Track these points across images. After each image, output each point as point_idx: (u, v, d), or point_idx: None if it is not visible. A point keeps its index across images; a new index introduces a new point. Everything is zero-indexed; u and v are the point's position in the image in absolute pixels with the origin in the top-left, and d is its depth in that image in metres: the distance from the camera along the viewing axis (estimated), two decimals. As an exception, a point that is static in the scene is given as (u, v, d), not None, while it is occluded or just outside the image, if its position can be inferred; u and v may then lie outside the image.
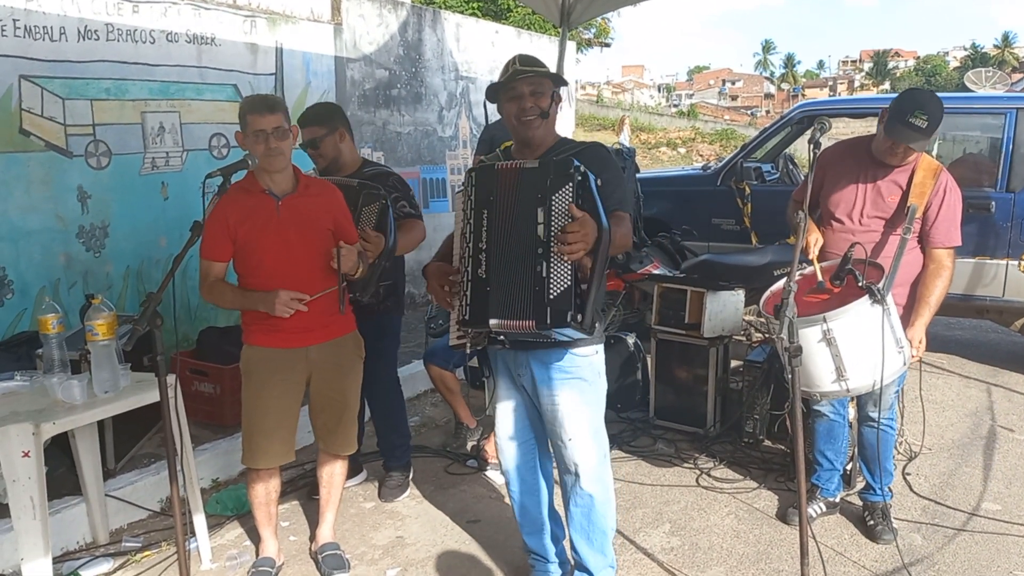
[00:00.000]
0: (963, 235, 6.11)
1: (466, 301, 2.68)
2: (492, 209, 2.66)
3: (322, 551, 3.48)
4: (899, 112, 3.34)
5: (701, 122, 38.82)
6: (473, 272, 2.67)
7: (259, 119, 3.06)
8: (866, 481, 3.84)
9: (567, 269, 2.52)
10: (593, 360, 2.88)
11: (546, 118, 2.82)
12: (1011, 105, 6.21)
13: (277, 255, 3.15)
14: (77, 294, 4.74)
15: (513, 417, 3.05)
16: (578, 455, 2.89)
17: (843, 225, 3.58)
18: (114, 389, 3.24)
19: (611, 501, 3.02)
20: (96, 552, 3.58)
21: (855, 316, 3.04)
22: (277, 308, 3.04)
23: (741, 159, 7.30)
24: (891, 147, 3.41)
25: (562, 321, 2.52)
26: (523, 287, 2.57)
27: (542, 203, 2.55)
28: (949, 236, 3.49)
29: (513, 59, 2.86)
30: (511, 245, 2.61)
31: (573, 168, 2.54)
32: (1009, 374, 6.37)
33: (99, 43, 4.86)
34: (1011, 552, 3.61)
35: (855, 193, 3.55)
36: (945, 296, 3.52)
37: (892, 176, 3.51)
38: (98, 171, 4.89)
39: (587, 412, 2.89)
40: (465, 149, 8.43)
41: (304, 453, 4.50)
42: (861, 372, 3.08)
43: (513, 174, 2.66)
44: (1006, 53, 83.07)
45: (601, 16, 23.04)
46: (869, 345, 3.06)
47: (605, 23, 31.09)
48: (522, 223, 2.60)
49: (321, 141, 3.87)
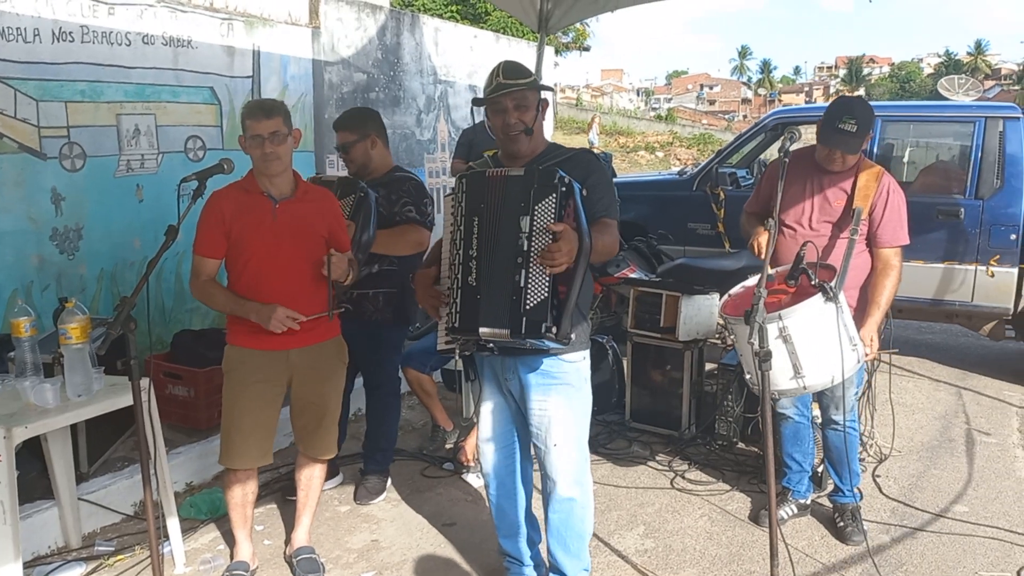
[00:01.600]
0: (933, 241, 6.26)
1: (456, 308, 2.68)
2: (482, 216, 2.67)
3: (297, 555, 3.48)
4: (829, 120, 3.50)
5: (679, 126, 39.11)
6: (463, 279, 2.67)
7: (256, 124, 3.10)
8: (835, 484, 3.90)
9: (545, 280, 2.54)
10: (580, 366, 2.90)
11: (530, 134, 2.82)
12: (980, 114, 6.32)
13: (267, 257, 3.16)
14: (50, 297, 4.70)
15: (496, 420, 3.06)
16: (561, 461, 2.90)
17: (794, 231, 3.67)
18: (87, 393, 3.22)
19: (590, 506, 3.04)
20: (68, 556, 3.56)
21: (809, 313, 3.10)
22: (272, 323, 3.06)
23: (716, 164, 7.36)
24: (828, 154, 3.56)
25: (536, 332, 2.54)
26: (503, 295, 2.58)
27: (525, 212, 2.58)
28: (895, 235, 3.59)
29: (496, 69, 2.86)
30: (497, 253, 2.63)
31: (557, 179, 2.56)
32: (978, 377, 6.47)
33: (74, 45, 4.82)
34: (977, 553, 3.67)
35: (803, 200, 3.67)
36: (895, 295, 3.62)
37: (837, 182, 3.62)
38: (72, 173, 4.85)
39: (573, 418, 2.91)
40: (444, 152, 8.43)
41: (279, 456, 4.49)
42: (817, 369, 3.15)
43: (500, 182, 2.67)
44: (979, 60, 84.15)
45: (580, 22, 23.13)
46: (824, 342, 3.12)
47: (583, 27, 31.23)
48: (506, 231, 2.62)
49: (352, 147, 3.95)
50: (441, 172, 8.46)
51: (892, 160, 7.16)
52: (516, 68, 2.88)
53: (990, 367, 6.75)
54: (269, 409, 3.31)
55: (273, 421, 3.35)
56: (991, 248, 6.07)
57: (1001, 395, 6.04)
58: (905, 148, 7.49)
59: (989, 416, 5.58)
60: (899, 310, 6.16)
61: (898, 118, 6.89)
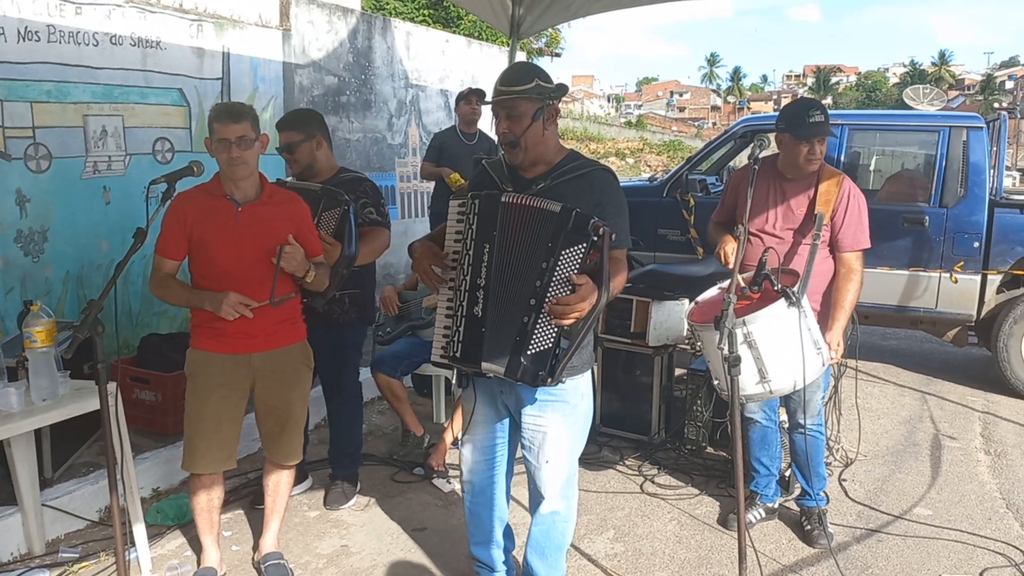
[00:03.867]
0: (898, 248, 6.36)
1: (459, 338, 2.62)
2: (494, 244, 2.56)
3: (265, 560, 3.46)
4: (797, 118, 3.60)
5: (649, 133, 39.32)
6: (469, 309, 2.60)
7: (223, 128, 3.07)
8: (802, 488, 3.94)
9: (552, 330, 2.49)
10: (580, 383, 2.82)
11: (515, 147, 2.68)
12: (945, 123, 6.43)
13: (229, 259, 3.14)
14: (15, 299, 4.63)
15: (485, 430, 2.97)
16: (551, 477, 2.86)
17: (759, 239, 3.71)
18: (52, 397, 3.19)
19: (572, 518, 3.00)
20: (32, 563, 3.50)
21: (772, 318, 3.14)
22: (223, 309, 3.04)
23: (686, 171, 7.42)
24: (808, 151, 3.59)
25: (531, 381, 2.52)
26: (507, 334, 2.53)
27: (550, 254, 2.47)
28: (856, 239, 3.65)
29: (503, 73, 2.75)
30: (510, 287, 2.54)
31: (591, 227, 2.43)
32: (942, 383, 6.58)
33: (40, 44, 4.76)
34: (940, 555, 3.73)
35: (767, 208, 3.72)
36: (858, 299, 3.68)
37: (800, 189, 3.68)
38: (38, 174, 4.79)
39: (568, 436, 2.85)
40: (415, 157, 8.42)
41: (247, 462, 4.47)
42: (782, 373, 3.20)
43: (527, 212, 2.53)
44: (943, 70, 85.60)
45: (551, 27, 23.19)
46: (788, 346, 3.17)
47: (555, 33, 31.31)
48: (524, 267, 2.52)
49: (297, 147, 3.88)
50: (412, 176, 8.45)
51: (858, 168, 7.27)
52: (516, 74, 2.72)
53: (953, 373, 6.87)
54: (231, 413, 3.28)
55: (236, 425, 3.32)
56: (955, 255, 6.18)
57: (964, 400, 6.15)
58: (871, 156, 7.61)
59: (952, 421, 5.67)
60: (865, 316, 6.26)
61: (864, 127, 6.98)
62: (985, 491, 4.48)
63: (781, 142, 3.68)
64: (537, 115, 2.66)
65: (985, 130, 6.29)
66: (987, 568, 3.61)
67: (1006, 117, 7.07)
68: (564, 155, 2.80)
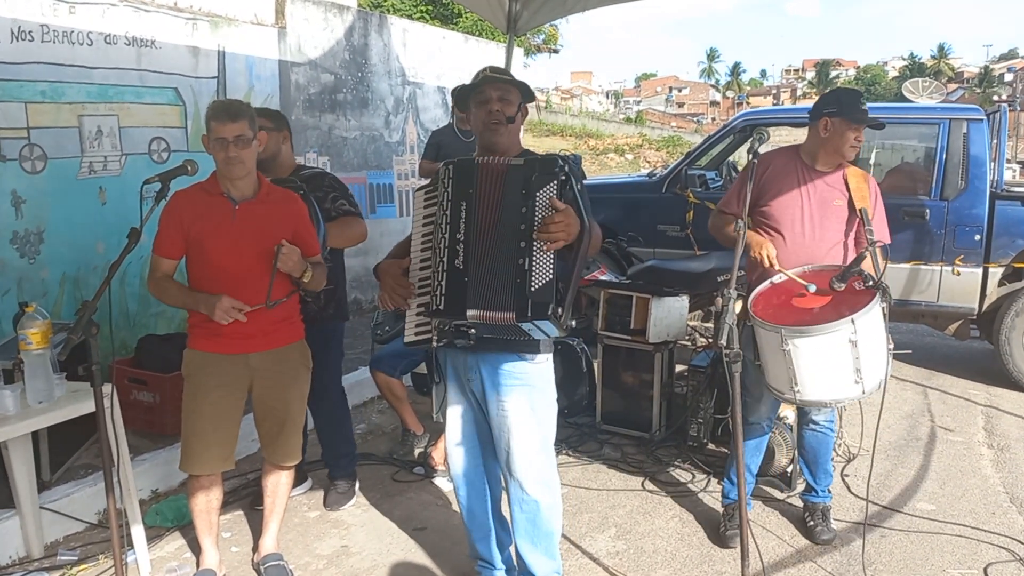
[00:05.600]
0: (899, 242, 6.34)
1: (441, 291, 2.69)
2: (471, 201, 2.69)
3: (265, 562, 3.44)
4: (853, 103, 3.56)
5: (648, 128, 39.30)
6: (450, 263, 2.68)
7: (220, 127, 3.05)
8: (807, 483, 3.91)
9: (549, 263, 2.57)
10: (543, 368, 2.89)
11: (511, 123, 2.85)
12: (945, 116, 6.40)
13: (226, 258, 3.12)
14: (11, 301, 4.61)
15: (461, 422, 3.05)
16: (524, 461, 2.89)
17: (793, 235, 3.59)
18: (48, 399, 3.17)
19: (557, 506, 3.02)
20: (30, 567, 3.48)
21: (874, 316, 3.11)
22: (217, 313, 3.02)
23: (686, 167, 7.39)
24: (856, 137, 3.56)
25: (543, 313, 2.57)
26: (504, 280, 2.61)
27: (527, 198, 2.60)
28: (883, 235, 3.62)
29: (484, 68, 2.92)
30: (492, 238, 2.65)
31: (558, 167, 2.61)
32: (944, 377, 6.56)
33: (34, 44, 4.74)
34: (944, 550, 3.71)
35: (800, 203, 3.61)
36: None
37: (830, 183, 3.61)
38: (33, 175, 4.77)
39: (535, 420, 2.89)
40: (412, 154, 8.41)
41: (246, 462, 4.44)
42: (873, 371, 3.15)
43: (498, 169, 2.69)
44: (942, 64, 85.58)
45: (549, 23, 23.17)
46: (880, 344, 3.14)
47: (554, 29, 31.29)
48: (505, 216, 2.64)
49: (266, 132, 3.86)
50: (410, 174, 8.43)
51: (859, 162, 7.23)
52: (503, 71, 2.96)
53: (955, 366, 6.85)
54: (229, 414, 3.26)
55: (234, 426, 3.30)
56: (956, 248, 6.15)
57: (966, 394, 6.13)
58: (871, 150, 7.57)
59: (955, 415, 5.65)
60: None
61: (865, 120, 6.93)
62: (988, 485, 4.46)
63: (827, 128, 3.55)
64: (520, 107, 2.90)
65: (985, 122, 6.26)
66: (991, 563, 3.58)
67: (1006, 109, 7.03)
68: (521, 151, 2.95)
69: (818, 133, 3.59)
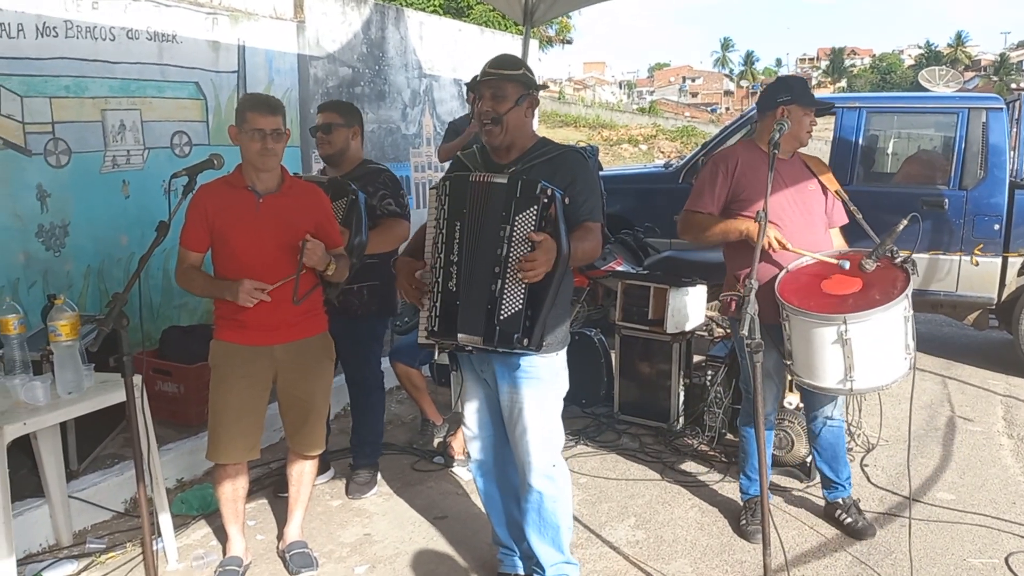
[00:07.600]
0: (917, 232, 6.30)
1: (435, 312, 2.72)
2: (464, 222, 2.69)
3: (289, 549, 3.49)
4: (801, 89, 3.63)
5: (662, 119, 39.10)
6: (444, 284, 2.70)
7: (259, 118, 3.10)
8: (830, 480, 3.85)
9: (520, 291, 2.58)
10: (553, 361, 2.91)
11: (498, 124, 2.79)
12: (964, 105, 6.36)
13: (250, 250, 3.17)
14: (37, 293, 4.67)
15: (479, 411, 3.09)
16: (530, 451, 2.92)
17: (787, 224, 3.53)
18: (78, 390, 3.22)
19: (562, 499, 3.01)
20: (60, 554, 3.54)
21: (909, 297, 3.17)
22: (240, 296, 3.06)
23: (702, 157, 7.38)
24: (811, 121, 3.62)
25: (508, 343, 2.60)
26: (479, 304, 2.63)
27: (505, 221, 2.60)
28: (843, 217, 3.75)
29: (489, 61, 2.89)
30: (477, 260, 2.66)
31: (539, 190, 2.57)
32: (962, 367, 6.54)
33: (58, 40, 4.79)
34: (964, 540, 3.72)
35: (782, 192, 3.56)
36: None
37: (797, 170, 3.66)
38: (57, 169, 4.82)
39: (542, 412, 2.91)
40: (429, 147, 8.42)
41: (269, 451, 4.49)
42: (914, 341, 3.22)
43: (483, 188, 2.68)
44: (959, 52, 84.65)
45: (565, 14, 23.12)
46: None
47: (566, 20, 31.21)
48: (486, 239, 2.65)
49: (336, 128, 3.95)
50: (426, 167, 8.45)
51: (876, 151, 7.21)
52: (504, 59, 2.89)
53: (974, 356, 6.83)
54: (254, 404, 3.31)
55: (259, 416, 3.35)
56: (975, 238, 6.13)
57: (985, 384, 6.11)
58: (888, 139, 7.54)
59: (974, 405, 5.64)
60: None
61: (883, 109, 6.92)
62: (1008, 475, 4.45)
63: (784, 115, 3.50)
64: (520, 100, 2.82)
65: (1005, 111, 6.23)
66: (1012, 552, 3.59)
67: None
68: (536, 140, 2.93)
69: (774, 122, 3.49)
